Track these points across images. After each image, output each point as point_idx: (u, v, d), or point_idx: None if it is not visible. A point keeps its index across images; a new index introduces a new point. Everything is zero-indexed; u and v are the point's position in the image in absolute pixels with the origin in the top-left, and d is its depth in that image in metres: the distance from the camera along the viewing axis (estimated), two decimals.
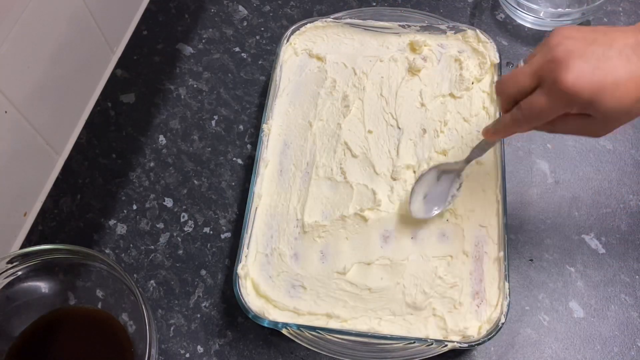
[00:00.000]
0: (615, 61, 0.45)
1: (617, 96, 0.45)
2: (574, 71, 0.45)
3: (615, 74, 0.45)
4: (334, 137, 0.68)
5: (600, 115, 0.46)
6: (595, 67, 0.45)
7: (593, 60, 0.45)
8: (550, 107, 0.47)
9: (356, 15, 0.76)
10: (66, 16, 0.69)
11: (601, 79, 0.44)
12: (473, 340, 0.55)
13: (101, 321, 0.58)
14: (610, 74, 0.45)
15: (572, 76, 0.45)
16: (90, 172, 0.72)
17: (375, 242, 0.62)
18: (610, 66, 0.45)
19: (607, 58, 0.45)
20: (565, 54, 0.46)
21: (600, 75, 0.45)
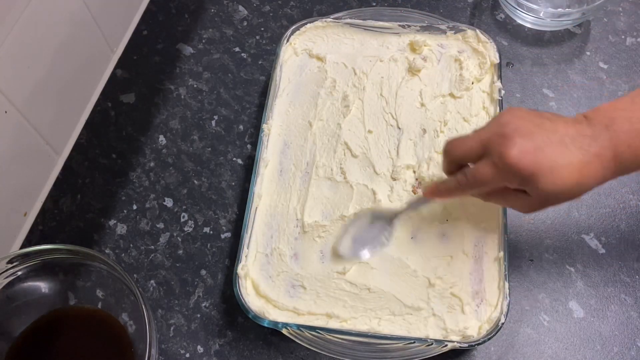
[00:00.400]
0: (555, 147, 0.48)
1: (551, 179, 0.48)
2: (518, 148, 0.48)
3: (553, 159, 0.48)
4: (334, 137, 0.68)
5: (535, 194, 0.49)
6: (537, 149, 0.48)
7: (537, 142, 0.48)
8: (493, 177, 0.50)
9: (356, 15, 0.76)
10: (66, 16, 0.69)
11: (540, 160, 0.48)
12: (473, 340, 0.55)
13: (101, 321, 0.58)
14: (549, 158, 0.48)
15: (516, 152, 0.48)
16: (90, 172, 0.72)
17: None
18: (550, 151, 0.48)
19: (549, 143, 0.48)
20: (513, 131, 0.49)
21: (541, 157, 0.48)
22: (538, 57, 0.79)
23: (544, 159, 0.48)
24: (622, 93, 0.76)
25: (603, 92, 0.76)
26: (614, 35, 0.81)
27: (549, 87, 0.77)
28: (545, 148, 0.48)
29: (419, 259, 0.61)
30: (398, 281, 0.60)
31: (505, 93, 0.72)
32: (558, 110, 0.75)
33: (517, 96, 0.76)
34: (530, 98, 0.76)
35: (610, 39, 0.80)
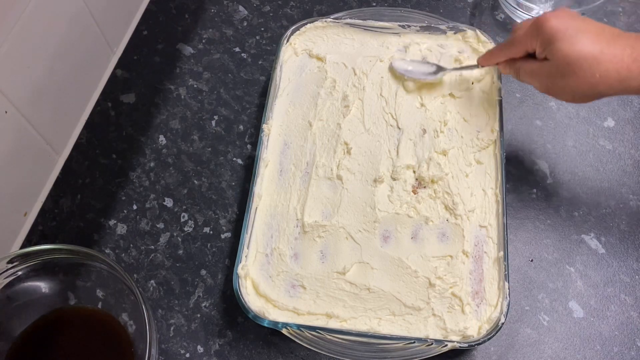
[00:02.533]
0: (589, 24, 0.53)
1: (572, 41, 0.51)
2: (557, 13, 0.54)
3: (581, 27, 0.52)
4: (334, 137, 0.68)
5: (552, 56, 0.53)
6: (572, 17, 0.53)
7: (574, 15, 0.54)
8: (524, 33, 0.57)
9: (356, 15, 0.76)
10: (66, 16, 0.69)
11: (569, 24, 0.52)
12: (473, 340, 0.55)
13: (101, 321, 0.58)
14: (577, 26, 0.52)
15: (552, 14, 0.54)
16: (90, 172, 0.72)
17: (375, 242, 0.62)
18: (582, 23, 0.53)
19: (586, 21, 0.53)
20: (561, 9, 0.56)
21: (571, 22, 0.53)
22: None
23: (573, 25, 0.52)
24: None
25: None
26: None
27: None
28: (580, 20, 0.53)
29: (419, 259, 0.61)
30: (398, 281, 0.60)
31: (505, 93, 0.72)
32: (558, 110, 0.75)
33: (517, 96, 0.76)
34: (530, 98, 0.76)
35: None
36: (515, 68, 0.61)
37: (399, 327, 0.58)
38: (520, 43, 0.58)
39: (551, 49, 0.53)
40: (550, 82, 0.55)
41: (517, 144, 0.72)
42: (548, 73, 0.55)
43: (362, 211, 0.64)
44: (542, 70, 0.56)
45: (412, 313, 0.58)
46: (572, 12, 0.55)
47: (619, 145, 0.72)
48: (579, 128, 0.74)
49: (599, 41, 0.51)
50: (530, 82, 0.59)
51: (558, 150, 0.72)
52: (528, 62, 0.58)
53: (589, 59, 0.51)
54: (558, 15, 0.54)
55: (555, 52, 0.53)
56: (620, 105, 0.75)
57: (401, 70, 0.71)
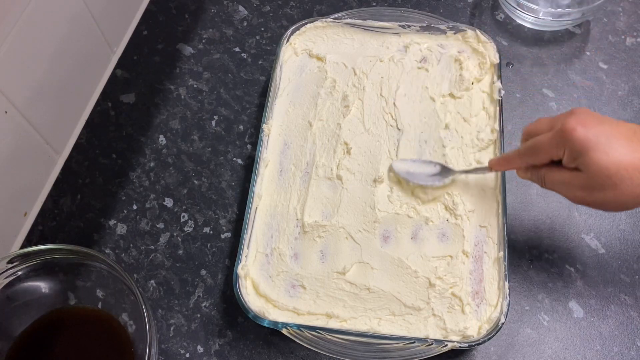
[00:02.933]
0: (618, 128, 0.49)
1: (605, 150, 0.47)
2: (580, 119, 0.49)
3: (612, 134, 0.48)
4: (334, 137, 0.68)
5: (586, 168, 0.48)
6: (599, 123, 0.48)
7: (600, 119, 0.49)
8: (547, 142, 0.51)
9: (356, 15, 0.76)
10: (66, 16, 0.69)
11: (598, 132, 0.48)
12: (473, 340, 0.55)
13: (101, 321, 0.58)
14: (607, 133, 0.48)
15: (576, 121, 0.49)
16: (90, 172, 0.72)
17: (375, 242, 0.62)
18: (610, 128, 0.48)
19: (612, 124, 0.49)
20: (581, 110, 0.51)
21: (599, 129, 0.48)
22: (538, 57, 0.79)
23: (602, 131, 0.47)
24: (622, 93, 0.76)
25: (603, 92, 0.76)
26: (614, 35, 0.81)
27: (549, 87, 0.77)
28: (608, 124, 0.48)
29: (418, 259, 0.61)
30: (398, 281, 0.60)
31: (505, 93, 0.72)
32: (557, 110, 0.75)
33: (517, 96, 0.76)
34: (530, 98, 0.76)
35: (610, 39, 0.80)
36: (539, 176, 0.55)
37: (399, 327, 0.58)
38: (543, 152, 0.52)
39: (584, 160, 0.48)
40: (587, 195, 0.50)
41: (517, 144, 0.72)
42: (583, 185, 0.50)
43: (362, 211, 0.64)
44: (576, 181, 0.50)
45: (412, 313, 0.58)
46: (593, 113, 0.50)
47: None
48: None
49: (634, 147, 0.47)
50: (559, 192, 0.53)
51: None
52: (555, 171, 0.52)
53: (630, 169, 0.46)
54: (583, 122, 0.48)
55: (591, 165, 0.48)
56: (620, 105, 0.75)
57: (403, 174, 0.64)
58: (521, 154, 0.55)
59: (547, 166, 0.53)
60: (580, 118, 0.49)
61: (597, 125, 0.48)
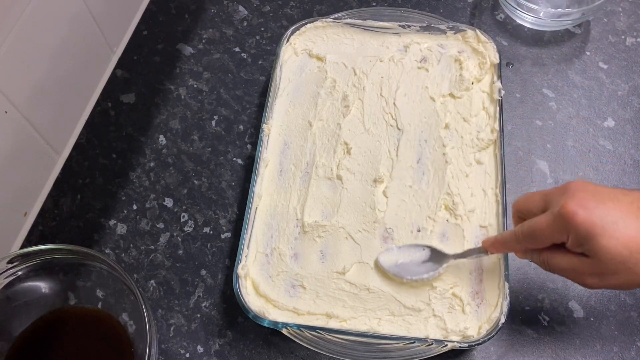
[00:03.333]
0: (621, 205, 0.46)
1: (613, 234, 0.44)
2: (579, 200, 0.46)
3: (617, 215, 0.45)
4: (334, 137, 0.68)
5: (594, 253, 0.45)
6: (600, 202, 0.45)
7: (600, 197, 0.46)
8: (547, 227, 0.48)
9: (356, 15, 0.76)
10: (66, 16, 0.69)
11: (602, 214, 0.45)
12: (473, 340, 0.55)
13: (101, 321, 0.58)
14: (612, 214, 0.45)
15: (575, 203, 0.45)
16: (90, 172, 0.72)
17: (375, 242, 0.62)
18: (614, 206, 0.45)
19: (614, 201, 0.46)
20: (577, 187, 0.47)
21: (602, 211, 0.45)
22: (538, 57, 0.79)
23: (607, 214, 0.44)
24: (622, 93, 0.76)
25: (603, 92, 0.76)
26: (614, 35, 0.81)
27: (549, 87, 0.77)
28: (609, 202, 0.45)
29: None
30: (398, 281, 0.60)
31: (505, 93, 0.72)
32: (558, 110, 0.75)
33: (517, 96, 0.76)
34: (530, 98, 0.76)
35: (610, 39, 0.80)
36: (541, 260, 0.51)
37: (399, 327, 0.58)
38: (543, 237, 0.49)
39: (592, 247, 0.45)
40: (599, 280, 0.47)
41: (517, 144, 0.72)
42: (594, 272, 0.47)
43: (362, 211, 0.64)
44: (585, 268, 0.47)
45: (411, 314, 0.58)
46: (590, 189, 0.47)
47: (619, 145, 0.72)
48: (579, 128, 0.74)
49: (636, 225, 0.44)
50: (567, 277, 0.50)
51: (558, 150, 0.72)
52: (560, 255, 0.49)
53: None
54: (584, 204, 0.45)
55: (600, 251, 0.44)
56: (620, 105, 0.75)
57: (393, 270, 0.59)
58: (519, 239, 0.51)
59: (550, 249, 0.50)
60: (578, 199, 0.46)
61: (599, 205, 0.45)
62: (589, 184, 0.48)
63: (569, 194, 0.47)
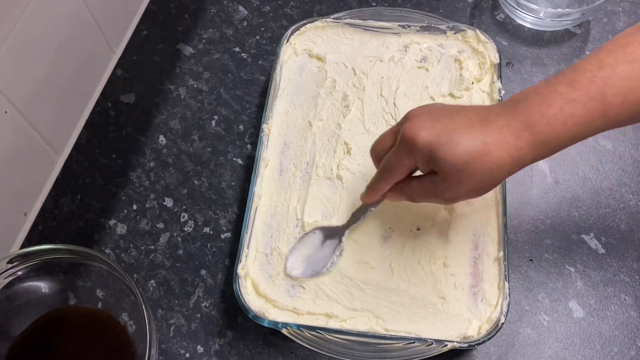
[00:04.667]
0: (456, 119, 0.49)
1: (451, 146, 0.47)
2: (416, 123, 0.49)
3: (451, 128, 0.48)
4: (334, 137, 0.68)
5: (440, 168, 0.48)
6: (435, 121, 0.49)
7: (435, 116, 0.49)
8: (398, 157, 0.51)
9: (356, 15, 0.76)
10: (66, 16, 0.69)
11: (438, 130, 0.48)
12: (473, 340, 0.55)
13: (101, 321, 0.58)
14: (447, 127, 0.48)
15: (413, 126, 0.49)
16: (90, 172, 0.72)
17: (375, 242, 0.62)
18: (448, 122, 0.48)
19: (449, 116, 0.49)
20: (414, 113, 0.51)
21: (438, 127, 0.48)
22: (538, 57, 0.79)
23: (442, 129, 0.48)
24: None
25: None
26: (614, 35, 0.80)
27: None
28: (444, 119, 0.48)
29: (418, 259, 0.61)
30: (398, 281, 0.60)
31: (505, 93, 0.72)
32: None
33: None
34: None
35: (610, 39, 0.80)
36: (406, 193, 0.54)
37: (399, 327, 0.58)
38: (397, 166, 0.52)
39: (435, 162, 0.48)
40: (451, 192, 0.49)
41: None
42: (444, 186, 0.49)
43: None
44: (437, 185, 0.50)
45: (412, 313, 0.58)
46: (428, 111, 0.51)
47: (619, 145, 0.72)
48: None
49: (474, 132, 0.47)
50: (431, 201, 0.52)
51: None
52: (416, 182, 0.52)
53: (478, 157, 0.46)
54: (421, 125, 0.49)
55: (441, 164, 0.47)
56: None
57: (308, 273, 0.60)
58: (382, 177, 0.54)
59: (408, 179, 0.53)
60: (416, 122, 0.49)
61: (435, 123, 0.48)
62: (426, 106, 0.52)
63: (408, 120, 0.50)
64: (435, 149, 0.47)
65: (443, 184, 0.49)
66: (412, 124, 0.49)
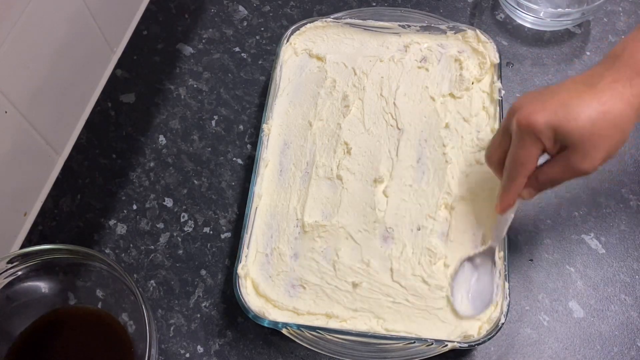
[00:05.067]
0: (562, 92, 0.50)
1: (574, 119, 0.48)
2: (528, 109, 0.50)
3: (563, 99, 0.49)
4: (334, 137, 0.68)
5: (569, 141, 0.49)
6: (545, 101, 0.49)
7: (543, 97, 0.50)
8: (524, 148, 0.51)
9: (356, 15, 0.76)
10: (66, 16, 0.69)
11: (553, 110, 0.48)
12: (473, 340, 0.55)
13: (101, 321, 0.58)
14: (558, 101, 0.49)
15: (527, 113, 0.49)
16: (90, 172, 0.72)
17: (375, 242, 0.62)
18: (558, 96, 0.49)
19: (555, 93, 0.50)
20: (519, 103, 0.51)
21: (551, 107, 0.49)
22: (538, 57, 0.79)
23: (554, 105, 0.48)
24: None
25: None
26: (614, 35, 0.81)
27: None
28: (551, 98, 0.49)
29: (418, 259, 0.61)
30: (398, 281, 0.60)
31: (505, 93, 0.72)
32: None
33: (517, 96, 0.76)
34: None
35: (610, 39, 0.80)
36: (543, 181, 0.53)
37: (399, 327, 0.58)
38: (528, 157, 0.51)
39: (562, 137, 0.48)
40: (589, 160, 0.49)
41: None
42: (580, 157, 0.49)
43: (362, 211, 0.64)
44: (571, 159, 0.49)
45: (412, 313, 0.58)
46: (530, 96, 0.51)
47: None
48: None
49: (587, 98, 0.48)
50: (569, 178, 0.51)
51: None
52: (548, 166, 0.52)
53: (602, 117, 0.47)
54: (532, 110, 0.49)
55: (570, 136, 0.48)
56: None
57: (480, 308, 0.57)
58: (512, 177, 0.53)
59: (540, 169, 0.53)
60: (527, 109, 0.49)
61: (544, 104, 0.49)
62: (526, 94, 0.52)
63: (517, 112, 0.50)
64: (557, 125, 0.48)
65: (578, 155, 0.49)
66: (524, 112, 0.49)
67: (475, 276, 0.59)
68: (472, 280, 0.59)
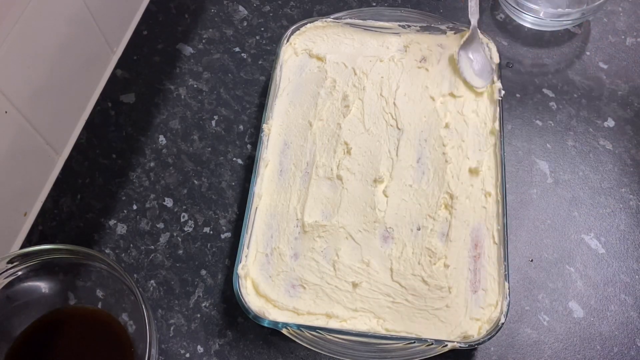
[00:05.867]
0: None
1: None
2: None
3: None
4: (334, 137, 0.68)
5: None
6: None
7: None
8: None
9: (356, 15, 0.76)
10: (66, 16, 0.69)
11: None
12: (473, 340, 0.55)
13: (101, 321, 0.58)
14: None
15: None
16: (90, 172, 0.72)
17: (375, 242, 0.62)
18: None
19: None
20: None
21: None
22: (538, 57, 0.79)
23: None
24: (622, 93, 0.76)
25: (603, 92, 0.76)
26: (614, 35, 0.81)
27: (549, 87, 0.77)
28: None
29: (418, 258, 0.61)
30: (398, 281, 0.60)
31: (505, 93, 0.72)
32: (558, 110, 0.75)
33: (517, 96, 0.76)
34: (530, 98, 0.76)
35: (610, 39, 0.80)
36: None
37: (400, 327, 0.58)
38: None
39: None
40: None
41: (517, 144, 0.72)
42: None
43: (362, 211, 0.64)
44: None
45: (412, 313, 0.58)
46: None
47: (619, 145, 0.72)
48: (579, 128, 0.74)
49: None
50: None
51: (558, 150, 0.72)
52: None
53: None
54: None
55: None
56: (620, 105, 0.75)
57: None
58: None
59: None
60: None
61: None
62: None
63: None
64: None
65: None
66: None
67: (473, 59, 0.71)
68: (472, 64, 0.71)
